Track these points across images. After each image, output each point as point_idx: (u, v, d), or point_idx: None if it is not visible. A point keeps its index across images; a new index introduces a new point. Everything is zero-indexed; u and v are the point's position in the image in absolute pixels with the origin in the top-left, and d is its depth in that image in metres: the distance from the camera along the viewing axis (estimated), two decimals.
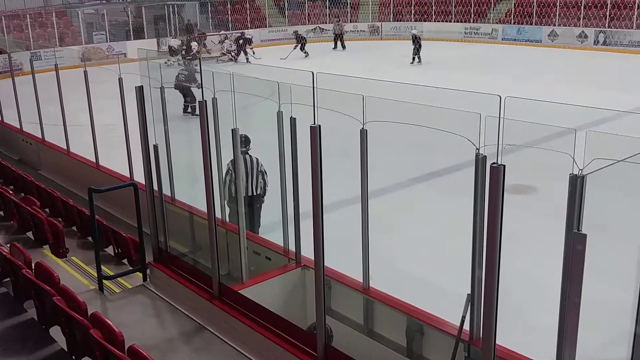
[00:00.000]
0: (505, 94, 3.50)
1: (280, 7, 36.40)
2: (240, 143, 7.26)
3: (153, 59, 7.06)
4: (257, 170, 8.03)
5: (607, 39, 28.53)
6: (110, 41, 29.72)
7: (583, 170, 3.05)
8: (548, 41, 30.22)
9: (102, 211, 8.65)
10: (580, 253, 3.11)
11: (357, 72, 17.42)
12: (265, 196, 8.07)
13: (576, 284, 3.17)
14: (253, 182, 8.01)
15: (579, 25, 29.65)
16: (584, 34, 29.26)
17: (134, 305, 6.39)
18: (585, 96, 15.07)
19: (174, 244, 6.83)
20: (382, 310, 5.42)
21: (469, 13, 34.03)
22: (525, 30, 31.10)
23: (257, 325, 5.38)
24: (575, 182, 3.08)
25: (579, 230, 3.12)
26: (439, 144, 5.08)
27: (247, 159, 7.95)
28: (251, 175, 7.99)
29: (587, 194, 3.13)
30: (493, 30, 32.41)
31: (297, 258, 6.06)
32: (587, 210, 3.15)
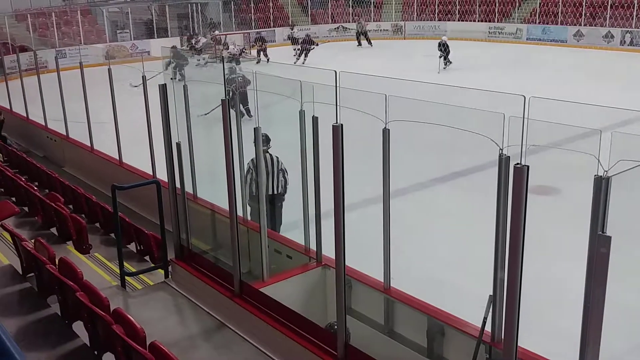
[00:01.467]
0: (530, 94, 3.46)
1: (303, 5, 36.41)
2: (267, 141, 7.54)
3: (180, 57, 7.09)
4: (278, 168, 8.00)
5: (634, 40, 28.10)
6: (134, 39, 29.97)
7: (608, 171, 3.01)
8: (573, 41, 29.85)
9: (124, 208, 8.73)
10: (604, 255, 3.07)
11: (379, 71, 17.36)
12: (285, 194, 8.06)
13: (600, 287, 3.14)
14: (274, 180, 7.98)
15: (605, 25, 29.25)
16: (610, 34, 28.85)
17: (156, 302, 6.43)
18: (610, 97, 14.88)
19: (195, 241, 6.86)
20: (403, 310, 5.40)
21: (493, 12, 33.74)
22: (551, 30, 30.76)
23: (278, 323, 5.38)
24: (600, 184, 3.04)
25: (603, 232, 3.09)
26: (461, 144, 5.05)
27: (268, 158, 7.90)
28: (272, 174, 7.96)
29: (612, 196, 3.09)
30: (517, 29, 32.10)
31: (317, 257, 6.05)
32: (611, 213, 3.11)
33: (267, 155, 7.89)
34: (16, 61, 16.46)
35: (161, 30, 31.35)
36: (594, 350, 3.23)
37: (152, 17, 31.66)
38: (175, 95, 6.41)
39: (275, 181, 8.00)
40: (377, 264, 5.34)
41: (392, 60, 26.96)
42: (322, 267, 6.03)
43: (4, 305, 5.88)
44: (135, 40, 29.77)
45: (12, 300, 6.06)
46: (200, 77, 6.65)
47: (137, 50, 29.04)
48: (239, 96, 11.85)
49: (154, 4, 32.03)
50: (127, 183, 7.96)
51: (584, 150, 3.15)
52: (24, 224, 8.54)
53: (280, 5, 35.94)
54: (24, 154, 11.96)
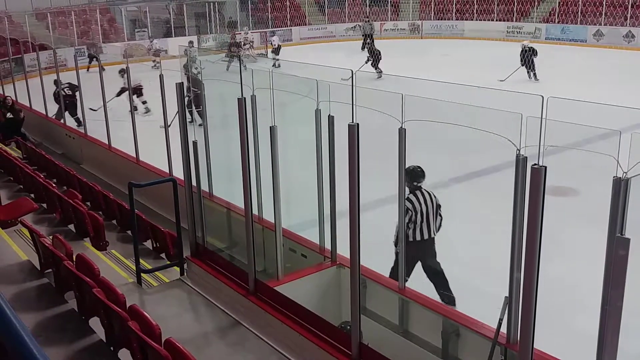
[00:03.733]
0: (548, 94, 3.43)
1: (320, 4, 36.42)
2: (413, 176, 6.58)
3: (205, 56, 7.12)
4: (436, 205, 6.75)
5: None
6: (152, 38, 30.17)
7: (627, 173, 2.98)
8: (593, 41, 29.58)
9: (141, 206, 8.78)
10: (622, 257, 3.04)
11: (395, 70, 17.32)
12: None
13: (618, 289, 3.11)
14: (431, 222, 6.70)
15: (625, 25, 28.94)
16: (630, 33, 28.53)
17: (171, 299, 6.46)
18: (630, 97, 14.71)
19: (211, 239, 6.89)
20: (418, 310, 5.39)
21: (512, 12, 33.51)
22: (570, 30, 30.50)
23: (292, 322, 5.39)
24: (619, 185, 3.01)
25: (622, 234, 3.06)
26: (478, 144, 5.02)
27: (425, 195, 6.70)
28: (432, 213, 6.69)
29: (631, 197, 3.06)
30: (536, 29, 31.86)
31: (332, 256, 6.05)
32: (630, 215, 3.08)
33: (424, 191, 6.72)
34: (36, 59, 16.64)
35: (179, 29, 31.54)
36: (611, 353, 3.21)
37: (170, 16, 31.84)
38: None
39: (433, 222, 6.71)
40: (392, 264, 5.33)
41: (410, 60, 26.88)
42: (336, 266, 6.03)
43: (23, 300, 5.95)
44: (153, 39, 29.97)
45: (30, 295, 6.12)
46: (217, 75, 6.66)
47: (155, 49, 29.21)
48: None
49: (171, 3, 32.22)
50: (144, 181, 8.01)
51: (603, 151, 3.12)
52: (43, 221, 8.62)
53: (297, 4, 35.98)
54: (43, 152, 12.08)
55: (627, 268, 3.08)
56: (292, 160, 8.66)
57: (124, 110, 10.82)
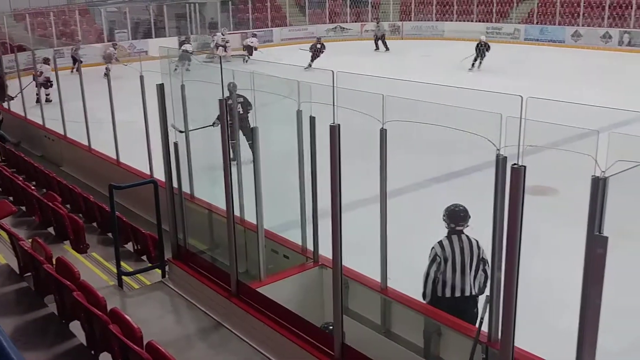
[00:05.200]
0: (527, 95, 3.46)
1: (301, 5, 36.42)
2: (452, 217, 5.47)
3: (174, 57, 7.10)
4: (479, 258, 5.39)
5: (632, 40, 28.15)
6: (132, 39, 29.96)
7: (605, 172, 3.02)
8: (571, 41, 29.89)
9: (122, 208, 8.72)
10: (601, 256, 3.08)
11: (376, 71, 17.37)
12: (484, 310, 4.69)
13: (596, 288, 3.14)
14: (469, 275, 5.37)
15: (603, 26, 29.30)
16: (608, 34, 28.90)
17: (153, 301, 6.42)
18: (608, 97, 14.90)
19: (192, 241, 6.86)
20: (400, 310, 5.41)
21: (491, 13, 33.77)
22: (548, 31, 30.80)
23: (274, 323, 5.38)
24: (597, 184, 3.04)
25: (600, 233, 3.09)
26: (458, 144, 5.05)
27: (461, 242, 5.42)
28: (469, 265, 5.37)
29: (609, 196, 3.09)
30: (515, 30, 32.13)
31: (314, 257, 6.06)
32: (608, 213, 3.12)
33: (464, 237, 5.44)
34: (14, 61, 16.46)
35: (159, 30, 31.35)
36: (590, 351, 3.24)
37: (150, 17, 31.65)
38: (173, 95, 6.41)
39: (471, 276, 5.38)
40: (374, 264, 5.35)
41: (390, 60, 26.98)
42: (319, 267, 6.03)
43: (1, 304, 5.88)
44: (133, 40, 29.76)
45: (10, 299, 6.05)
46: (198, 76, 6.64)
47: (135, 49, 29.04)
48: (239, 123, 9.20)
49: (152, 3, 32.03)
50: (124, 183, 7.95)
51: (582, 151, 3.15)
52: (22, 224, 8.53)
53: (277, 5, 35.95)
54: (22, 154, 11.95)
55: (605, 266, 3.11)
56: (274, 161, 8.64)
57: (105, 112, 10.73)
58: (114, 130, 10.62)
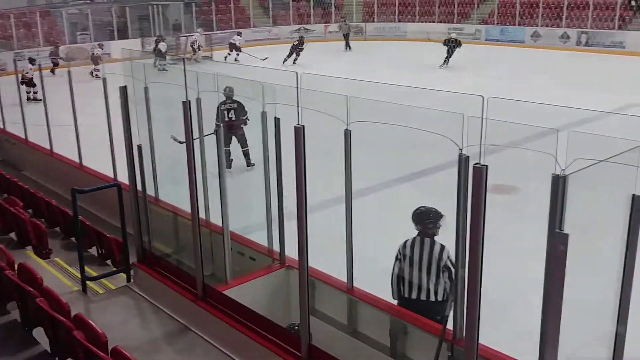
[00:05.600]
0: (488, 94, 3.52)
1: (265, 7, 36.35)
2: (416, 219, 5.44)
3: (137, 59, 7.03)
4: (439, 264, 5.29)
5: (589, 40, 28.82)
6: (94, 41, 29.52)
7: (565, 170, 3.07)
8: (531, 42, 30.45)
9: (85, 212, 8.59)
10: (562, 253, 3.13)
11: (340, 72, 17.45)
12: (449, 307, 4.72)
13: (558, 284, 3.20)
14: (425, 278, 5.32)
15: (561, 26, 29.91)
16: (566, 34, 29.52)
17: (118, 306, 6.35)
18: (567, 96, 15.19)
19: (158, 244, 6.80)
20: (366, 310, 5.44)
21: (452, 14, 34.20)
22: (509, 31, 31.31)
23: (241, 325, 5.37)
24: (558, 182, 3.10)
25: (561, 230, 3.14)
26: (422, 144, 5.10)
27: (422, 244, 5.36)
28: (426, 268, 5.31)
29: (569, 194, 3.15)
30: (476, 30, 32.61)
31: (281, 258, 6.05)
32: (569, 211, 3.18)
33: (428, 240, 5.34)
34: None
35: (122, 32, 30.95)
36: (552, 346, 3.30)
37: (113, 19, 31.23)
38: (136, 98, 6.35)
39: (429, 280, 5.31)
40: (340, 264, 5.37)
41: (354, 62, 27.11)
42: (285, 268, 6.03)
43: None
44: (95, 42, 29.32)
45: None
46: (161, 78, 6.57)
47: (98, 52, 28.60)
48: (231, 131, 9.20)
49: (114, 5, 31.61)
50: (88, 186, 7.84)
51: (542, 149, 3.20)
52: None
53: (241, 7, 35.82)
54: None
55: (566, 263, 3.17)
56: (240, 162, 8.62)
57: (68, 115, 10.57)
58: (76, 133, 10.46)
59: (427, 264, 5.31)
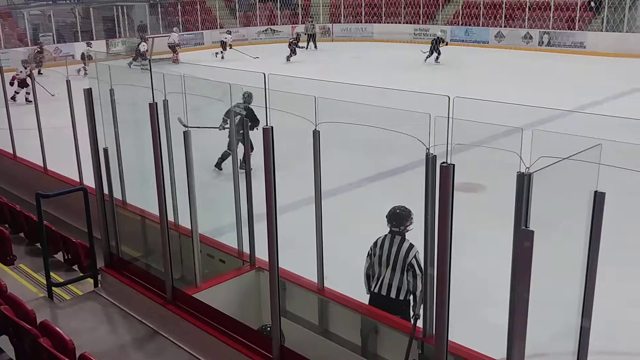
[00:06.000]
0: (454, 94, 3.56)
1: (231, 8, 36.20)
2: (394, 219, 5.64)
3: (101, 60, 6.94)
4: (405, 262, 5.49)
5: (551, 40, 29.35)
6: (57, 43, 29.06)
7: (530, 168, 3.13)
8: (495, 42, 30.89)
9: (51, 217, 8.45)
10: (527, 249, 3.18)
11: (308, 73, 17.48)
12: (416, 305, 5.34)
13: (524, 280, 3.25)
14: (393, 277, 5.53)
15: (524, 27, 30.40)
16: (529, 35, 30.01)
17: (85, 312, 6.26)
18: (530, 96, 15.45)
19: (126, 248, 6.72)
20: (337, 310, 5.45)
21: (418, 15, 34.51)
22: (473, 32, 31.71)
23: (212, 328, 5.34)
24: (522, 180, 3.15)
25: (526, 227, 3.20)
26: (390, 144, 5.14)
27: (392, 243, 5.59)
28: (392, 265, 5.53)
29: (533, 191, 3.20)
30: (442, 31, 32.92)
31: (251, 260, 6.04)
32: (534, 208, 3.23)
33: (397, 238, 5.58)
34: None
35: (86, 33, 30.51)
36: (520, 341, 3.35)
37: (76, 20, 30.77)
38: (102, 100, 6.27)
39: (394, 278, 5.53)
40: (310, 265, 5.38)
41: (321, 62, 27.16)
42: (255, 270, 6.02)
43: None
44: (58, 44, 28.86)
45: None
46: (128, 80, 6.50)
47: (61, 54, 28.17)
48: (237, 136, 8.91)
49: (77, 6, 31.14)
50: (52, 191, 7.71)
51: (507, 148, 3.25)
52: None
53: (207, 8, 35.61)
54: None
55: (532, 259, 3.22)
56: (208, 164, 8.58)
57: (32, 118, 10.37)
58: (40, 137, 10.27)
59: (393, 261, 5.56)
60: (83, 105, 6.21)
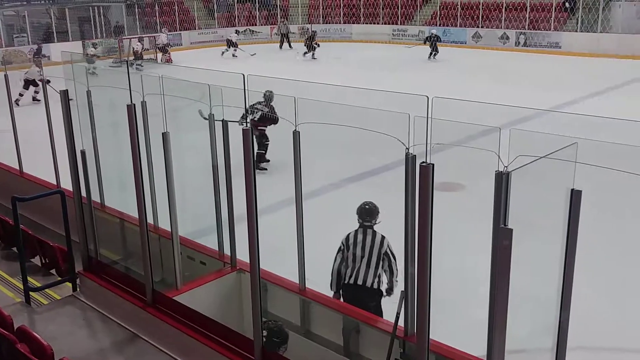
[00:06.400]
0: (433, 94, 3.58)
1: (210, 8, 36.05)
2: (365, 214, 5.97)
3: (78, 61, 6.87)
4: (380, 253, 5.83)
5: (527, 40, 29.66)
6: (32, 44, 28.71)
7: (508, 167, 3.16)
8: (472, 42, 31.13)
9: (27, 220, 8.35)
10: (507, 247, 3.21)
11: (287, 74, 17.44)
12: (390, 295, 5.85)
13: (504, 278, 3.28)
14: (368, 267, 5.84)
15: (501, 27, 30.68)
16: (505, 35, 30.30)
17: (63, 316, 6.19)
18: (507, 96, 15.59)
19: (104, 251, 6.66)
20: (319, 310, 5.46)
21: (396, 15, 34.66)
22: (451, 32, 31.91)
23: (193, 331, 5.31)
24: (501, 179, 3.17)
25: (505, 225, 3.22)
26: (370, 144, 5.15)
27: (365, 235, 5.92)
28: (367, 257, 5.85)
29: (512, 190, 3.23)
30: (420, 31, 33.11)
31: (232, 262, 6.02)
32: (512, 206, 3.26)
33: (370, 231, 5.92)
34: None
35: (61, 34, 30.19)
36: (500, 338, 3.38)
37: (51, 21, 30.43)
38: (79, 102, 6.20)
39: (370, 268, 5.83)
40: (292, 266, 5.38)
41: (300, 63, 27.15)
42: (237, 271, 6.00)
43: None
44: (33, 45, 28.51)
45: None
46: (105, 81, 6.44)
47: None
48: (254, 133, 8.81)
49: (52, 6, 30.80)
50: (29, 194, 7.61)
51: (485, 147, 3.28)
52: None
53: (185, 8, 35.42)
54: None
55: (511, 257, 3.25)
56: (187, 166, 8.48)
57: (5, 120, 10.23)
58: (15, 139, 10.14)
59: (369, 253, 5.87)
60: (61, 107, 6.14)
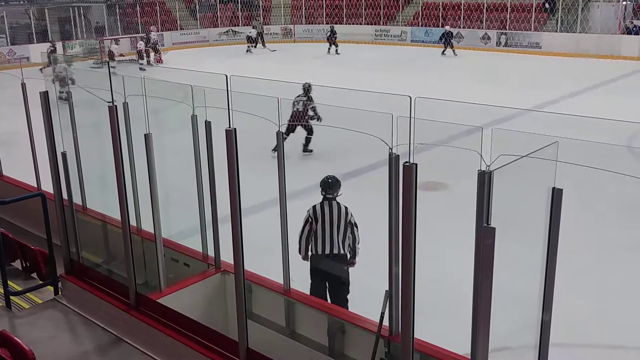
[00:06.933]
0: (415, 95, 3.59)
1: (191, 9, 35.91)
2: (328, 187, 6.58)
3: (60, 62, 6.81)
4: (346, 221, 6.53)
5: (508, 41, 29.88)
6: (11, 44, 28.41)
7: (490, 166, 3.17)
8: (454, 42, 31.26)
9: (7, 223, 8.26)
10: (489, 246, 3.23)
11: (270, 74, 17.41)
12: (355, 258, 6.66)
13: (487, 276, 3.30)
14: (337, 236, 6.48)
15: (482, 28, 30.88)
16: (487, 35, 30.51)
17: (45, 320, 6.13)
18: (489, 95, 15.70)
19: (87, 254, 6.60)
20: (303, 311, 5.45)
21: (379, 16, 34.76)
22: (433, 32, 32.06)
23: (177, 333, 5.28)
24: (483, 178, 3.19)
25: (488, 224, 3.24)
26: (353, 144, 5.17)
27: (334, 206, 6.54)
28: (336, 226, 6.48)
29: (494, 189, 3.25)
30: (402, 32, 33.27)
31: (216, 263, 5.99)
32: (495, 205, 3.28)
33: (334, 203, 6.57)
34: None
35: (40, 34, 29.90)
36: (484, 336, 3.40)
37: (31, 21, 30.13)
38: (59, 103, 6.15)
39: (339, 236, 6.49)
40: (276, 267, 5.37)
41: (283, 63, 27.13)
42: (221, 273, 5.98)
43: None
44: (12, 46, 28.22)
45: None
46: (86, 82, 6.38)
47: (15, 56, 27.55)
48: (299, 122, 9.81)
49: (32, 7, 30.49)
50: (9, 197, 7.53)
51: (468, 147, 3.30)
52: None
53: (167, 9, 35.25)
54: None
55: (494, 256, 3.27)
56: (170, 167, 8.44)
57: None
58: None
59: (337, 222, 6.46)
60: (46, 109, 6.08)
